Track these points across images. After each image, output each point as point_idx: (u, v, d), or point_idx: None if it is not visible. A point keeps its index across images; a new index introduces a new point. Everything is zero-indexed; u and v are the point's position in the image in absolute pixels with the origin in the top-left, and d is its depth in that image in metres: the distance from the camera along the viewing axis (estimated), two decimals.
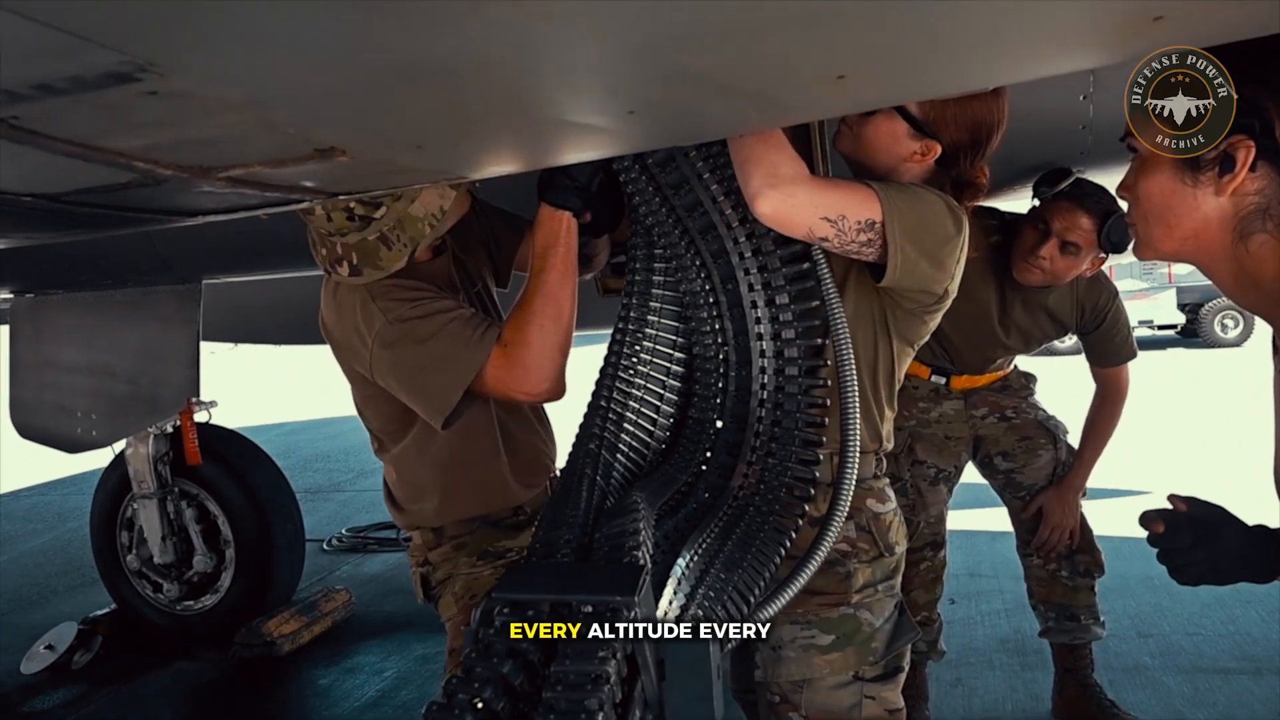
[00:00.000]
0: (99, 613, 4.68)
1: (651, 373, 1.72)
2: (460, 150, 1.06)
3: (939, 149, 1.66)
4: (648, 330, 1.72)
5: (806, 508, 1.59)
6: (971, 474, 3.50)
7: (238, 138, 0.93)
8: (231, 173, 1.06)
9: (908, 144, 1.66)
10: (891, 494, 1.85)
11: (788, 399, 1.63)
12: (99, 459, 4.63)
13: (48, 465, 7.96)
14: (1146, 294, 14.43)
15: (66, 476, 8.49)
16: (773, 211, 1.50)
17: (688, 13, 0.72)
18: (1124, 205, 2.73)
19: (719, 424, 1.68)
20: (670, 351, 1.73)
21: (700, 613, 1.37)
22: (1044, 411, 3.34)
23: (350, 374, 2.12)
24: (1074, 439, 3.29)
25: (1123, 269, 13.80)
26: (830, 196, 1.52)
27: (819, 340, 1.61)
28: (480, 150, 1.07)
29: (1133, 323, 3.34)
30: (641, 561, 1.26)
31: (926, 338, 1.82)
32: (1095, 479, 3.26)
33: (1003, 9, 0.72)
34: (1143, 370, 3.26)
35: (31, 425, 4.34)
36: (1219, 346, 13.94)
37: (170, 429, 4.34)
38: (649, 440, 1.71)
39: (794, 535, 1.56)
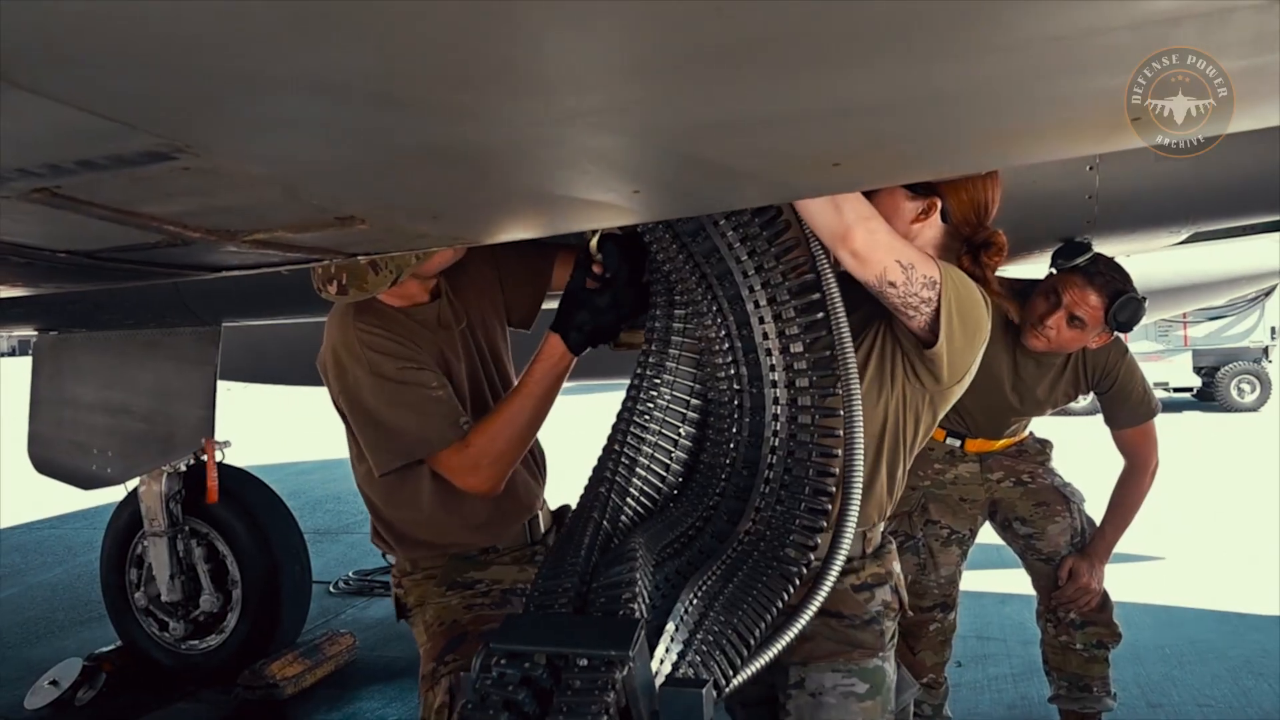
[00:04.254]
0: (104, 649, 4.69)
1: (667, 418, 1.76)
2: (474, 220, 1.11)
3: (939, 202, 1.77)
4: (665, 376, 1.77)
5: (812, 556, 1.62)
6: (984, 535, 3.50)
7: (263, 207, 0.98)
8: (256, 236, 1.11)
9: (908, 206, 1.76)
10: (896, 554, 1.98)
11: (799, 447, 1.66)
12: (112, 494, 4.67)
13: (60, 498, 8.01)
14: (1161, 356, 14.35)
15: (78, 510, 8.53)
16: (862, 245, 1.58)
17: (691, 107, 0.76)
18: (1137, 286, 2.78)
19: (730, 468, 1.72)
20: (686, 397, 1.77)
21: (698, 657, 1.38)
22: (1060, 478, 3.34)
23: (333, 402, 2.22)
24: (1094, 506, 3.29)
25: (1137, 332, 13.70)
26: (904, 245, 1.62)
27: (833, 390, 1.66)
28: (493, 220, 1.12)
29: None
30: (637, 614, 1.29)
31: (942, 416, 1.90)
32: None
33: (984, 111, 0.77)
34: (1158, 433, 3.25)
35: (48, 460, 4.40)
36: (1235, 410, 13.83)
37: (183, 467, 4.39)
38: (660, 484, 1.74)
39: (797, 582, 1.60)
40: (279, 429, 14.05)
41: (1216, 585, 5.37)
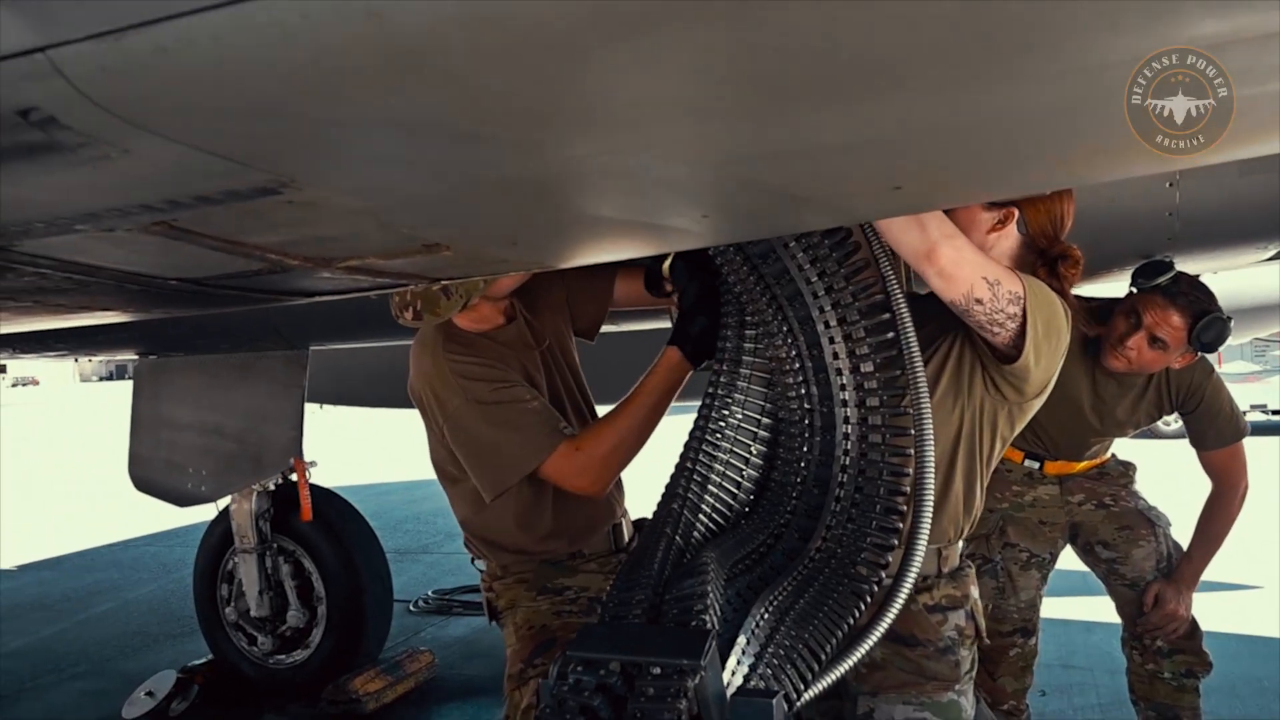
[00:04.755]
0: (197, 662, 4.87)
1: (739, 436, 1.79)
2: (551, 246, 1.17)
3: (1015, 212, 1.77)
4: (736, 395, 1.81)
5: (883, 573, 1.63)
6: (1069, 561, 3.42)
7: (356, 236, 1.05)
8: (349, 263, 1.19)
9: (984, 216, 1.76)
10: (976, 579, 1.94)
11: (870, 465, 1.68)
12: (203, 513, 4.87)
13: (154, 518, 8.34)
14: (1259, 377, 13.81)
15: (171, 529, 8.87)
16: (948, 263, 1.57)
17: (754, 138, 0.81)
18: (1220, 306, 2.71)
19: (801, 487, 1.75)
20: (758, 416, 1.80)
21: (769, 670, 1.41)
22: (1144, 501, 3.26)
23: (426, 424, 2.31)
24: (1182, 530, 3.20)
25: (1232, 351, 13.25)
26: (989, 262, 1.62)
27: (903, 408, 1.66)
28: (568, 246, 1.18)
29: (1245, 406, 3.21)
30: (709, 625, 1.32)
31: (1019, 429, 1.89)
32: (1206, 571, 3.15)
33: (1043, 133, 0.79)
34: (1255, 457, 3.15)
35: (147, 479, 4.62)
36: None
37: (272, 486, 4.55)
38: (732, 502, 1.78)
39: (869, 599, 1.60)
40: (362, 450, 14.41)
41: None
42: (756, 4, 0.56)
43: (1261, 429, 13.44)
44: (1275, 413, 13.72)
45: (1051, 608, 3.43)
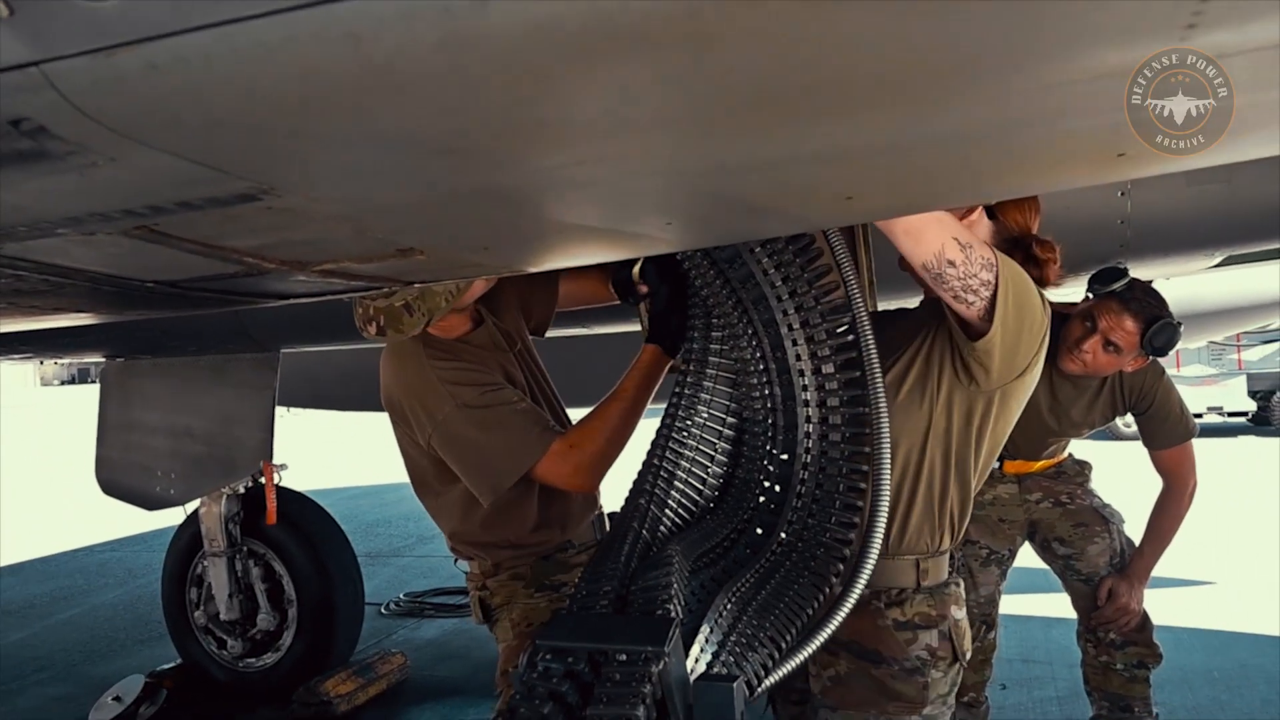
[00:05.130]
0: (165, 667, 4.85)
1: (704, 434, 1.84)
2: (521, 251, 1.21)
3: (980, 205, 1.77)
4: (702, 395, 1.86)
5: (842, 565, 1.67)
6: (1029, 558, 3.52)
7: (333, 241, 1.09)
8: (325, 266, 1.22)
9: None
10: (964, 599, 1.89)
11: (830, 463, 1.74)
12: (169, 518, 4.85)
13: (119, 522, 8.26)
14: (1216, 380, 14.08)
15: (137, 534, 8.79)
16: (914, 222, 1.53)
17: (714, 153, 0.86)
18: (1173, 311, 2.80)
19: (764, 483, 1.80)
20: (723, 415, 1.85)
21: (731, 657, 1.46)
22: (1099, 499, 3.36)
23: (404, 441, 2.31)
24: (1135, 528, 3.30)
25: (1190, 354, 13.50)
26: (960, 227, 1.59)
27: (862, 408, 1.70)
28: (538, 251, 1.22)
29: (1201, 409, 3.30)
30: (673, 614, 1.37)
31: (1005, 437, 1.87)
32: (1160, 568, 3.24)
33: (981, 151, 0.85)
34: (1212, 457, 3.26)
35: (115, 483, 4.59)
36: None
37: (242, 490, 4.54)
38: (697, 498, 1.83)
39: (828, 590, 1.64)
40: (333, 453, 14.33)
41: (1268, 610, 5.29)
42: (716, 29, 0.61)
43: (1218, 430, 13.76)
44: (1231, 415, 14.03)
45: (1013, 604, 3.51)
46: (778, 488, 1.80)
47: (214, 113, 0.70)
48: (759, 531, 1.78)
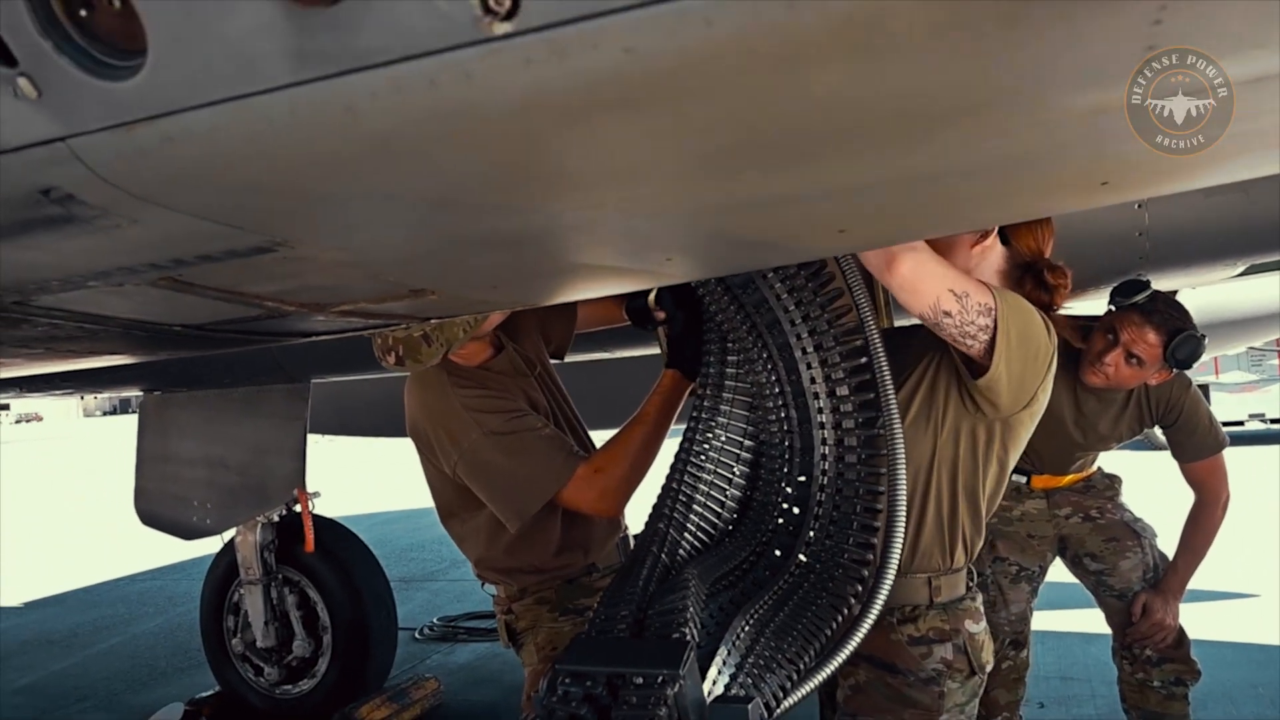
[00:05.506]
0: (204, 694, 4.92)
1: (722, 458, 1.87)
2: (529, 288, 1.25)
3: (995, 230, 1.80)
4: (719, 419, 1.89)
5: (860, 587, 1.69)
6: (1066, 574, 3.48)
7: (348, 285, 1.14)
8: (342, 308, 1.27)
9: (965, 235, 1.79)
10: (983, 613, 1.93)
11: (846, 484, 1.76)
12: (207, 546, 4.93)
13: (159, 551, 8.39)
14: (1257, 386, 13.82)
15: (177, 562, 8.92)
16: (909, 273, 1.57)
17: (710, 194, 0.89)
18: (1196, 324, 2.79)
19: (782, 505, 1.82)
20: (740, 438, 1.88)
21: (749, 679, 1.48)
22: (1130, 513, 3.33)
23: (429, 468, 2.35)
24: (1167, 542, 3.27)
25: (1229, 360, 13.27)
26: (956, 275, 1.64)
27: (877, 429, 1.73)
28: (546, 287, 1.26)
29: (1242, 416, 3.24)
30: (688, 637, 1.40)
31: (1017, 457, 1.91)
32: (1201, 581, 3.21)
33: (965, 186, 0.88)
34: (1253, 466, 3.23)
35: (153, 513, 4.69)
36: None
37: (276, 518, 4.62)
38: (716, 520, 1.86)
39: (846, 611, 1.67)
40: (365, 479, 14.46)
41: None
42: (697, 89, 0.64)
43: (1260, 438, 13.48)
44: (1274, 421, 13.74)
45: (1050, 620, 3.47)
46: (795, 510, 1.82)
47: (226, 178, 0.74)
48: (777, 553, 1.81)
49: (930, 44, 0.58)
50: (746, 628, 1.57)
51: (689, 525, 1.83)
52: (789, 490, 1.82)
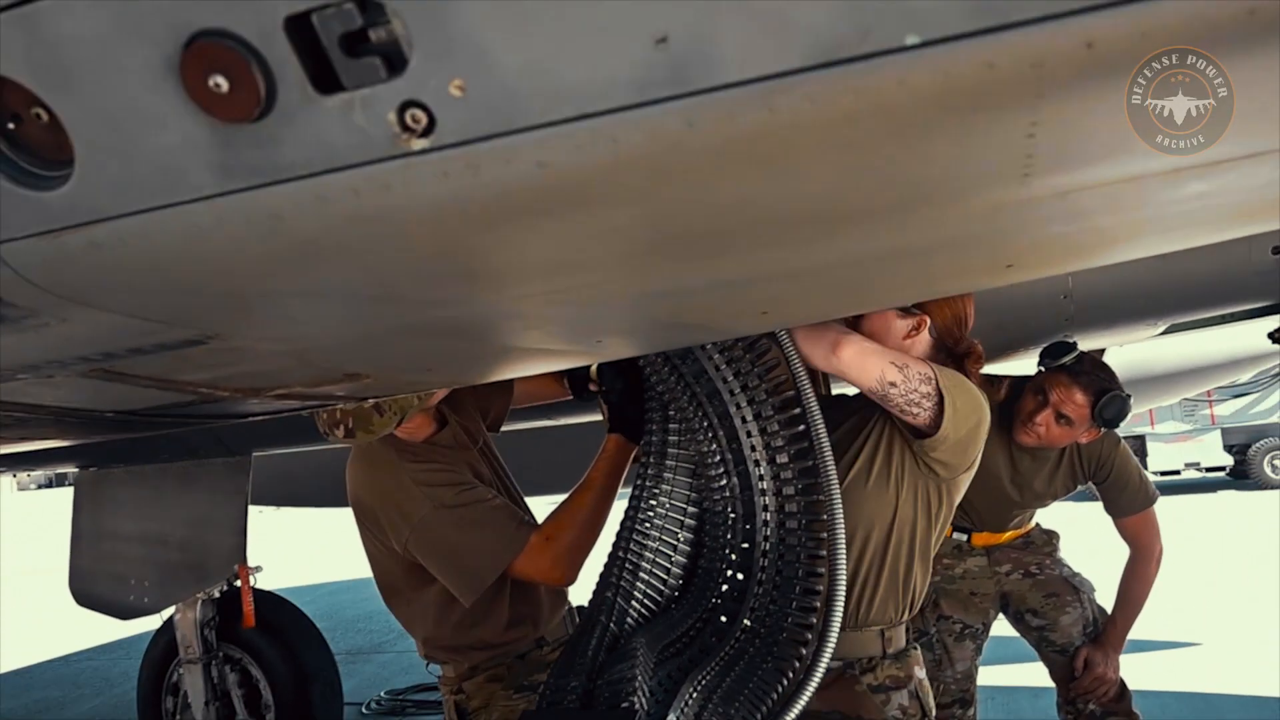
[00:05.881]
0: None
1: (666, 525, 1.89)
2: (463, 370, 1.27)
3: (927, 319, 1.93)
4: (663, 486, 1.91)
5: (804, 650, 1.73)
6: (1012, 629, 3.53)
7: (283, 370, 1.15)
8: (277, 391, 1.28)
9: (899, 325, 1.92)
10: (922, 659, 2.03)
11: (789, 550, 1.79)
12: (147, 623, 4.78)
13: (96, 629, 8.10)
14: (1190, 435, 14.20)
15: (114, 640, 8.61)
16: (853, 357, 1.75)
17: (633, 285, 0.93)
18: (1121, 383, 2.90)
19: (726, 572, 1.84)
20: (683, 505, 1.91)
21: None
22: (1069, 568, 3.39)
23: (373, 546, 2.32)
24: (1106, 595, 3.33)
25: (1164, 411, 13.62)
26: (890, 351, 1.81)
27: (817, 496, 1.78)
28: (479, 368, 1.29)
29: (1178, 465, 3.33)
30: (637, 706, 1.41)
31: (952, 513, 2.01)
32: (1143, 631, 3.26)
33: (871, 273, 0.93)
34: (1192, 514, 3.30)
35: (88, 593, 4.54)
36: (1271, 488, 13.58)
37: (217, 594, 4.50)
38: (662, 588, 1.87)
39: (791, 674, 1.70)
40: (311, 549, 14.14)
41: (1256, 670, 5.27)
42: (620, 192, 0.68)
43: (1197, 486, 13.83)
44: (1209, 470, 14.10)
45: (998, 675, 3.49)
46: (740, 576, 1.84)
47: (154, 280, 0.76)
48: (723, 619, 1.82)
49: (823, 157, 0.62)
50: (694, 694, 1.58)
51: (635, 593, 1.84)
52: (733, 557, 1.85)
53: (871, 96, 0.55)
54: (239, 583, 4.35)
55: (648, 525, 1.90)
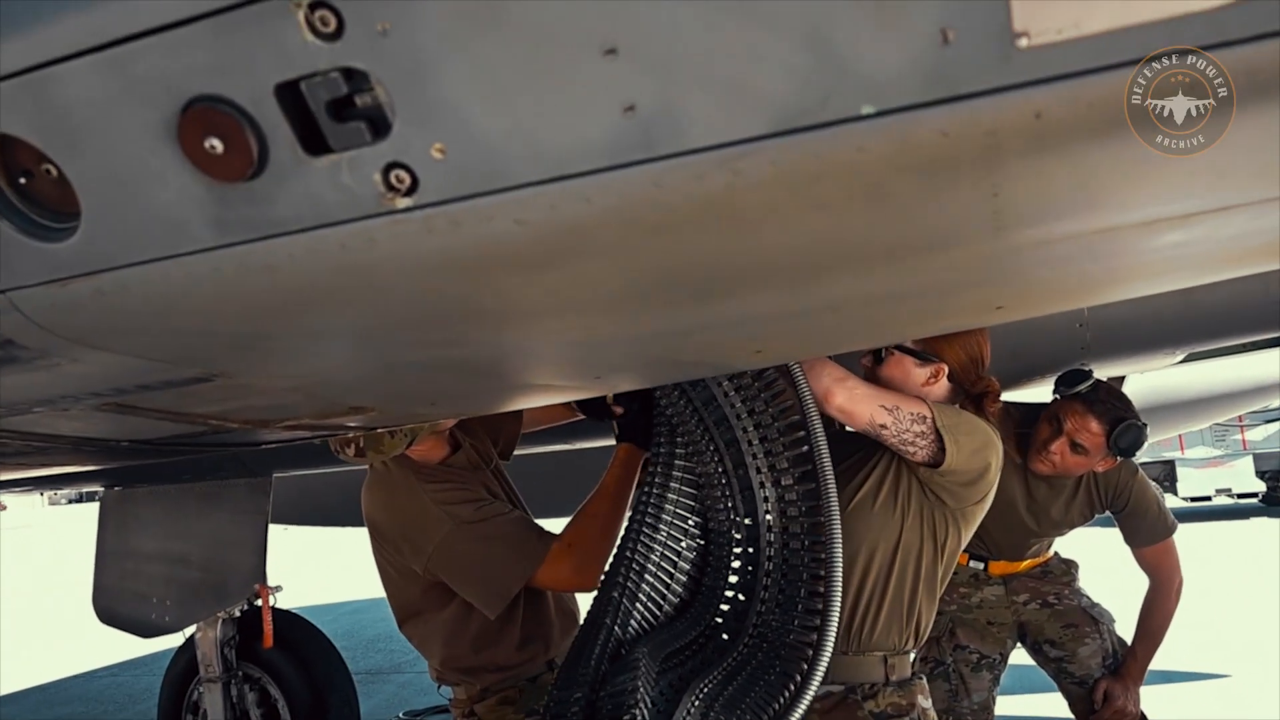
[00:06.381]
0: None
1: (672, 532, 1.92)
2: (467, 403, 1.30)
3: (945, 368, 1.96)
4: (670, 493, 1.93)
5: (805, 665, 1.74)
6: (1031, 659, 3.49)
7: (289, 405, 1.18)
8: (286, 423, 1.31)
9: (917, 373, 1.96)
10: (929, 690, 2.04)
11: (791, 570, 1.81)
12: (169, 640, 4.82)
13: (120, 645, 8.18)
14: (1222, 461, 13.96)
15: (137, 657, 8.68)
16: (844, 402, 1.80)
17: (621, 326, 0.95)
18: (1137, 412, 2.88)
19: (728, 595, 1.87)
20: (687, 515, 1.93)
21: None
22: (1088, 599, 3.35)
23: (389, 569, 2.35)
24: (1126, 626, 3.29)
25: (1194, 436, 13.40)
26: (885, 394, 1.85)
27: (820, 519, 1.80)
28: (481, 401, 1.32)
29: (1210, 491, 3.27)
30: (639, 718, 1.43)
31: (965, 544, 2.02)
32: (1170, 662, 3.21)
33: (859, 315, 0.95)
34: (1223, 541, 3.25)
35: (112, 611, 4.60)
36: None
37: (237, 613, 4.54)
38: (666, 591, 1.90)
39: (793, 687, 1.71)
40: (332, 568, 14.21)
41: None
42: (596, 247, 0.70)
43: (1228, 512, 13.59)
44: (1241, 496, 13.85)
45: (1017, 705, 3.45)
46: (741, 596, 1.87)
47: (157, 325, 0.79)
48: (725, 636, 1.85)
49: (790, 214, 0.64)
50: (696, 702, 1.61)
51: (640, 595, 1.86)
52: (734, 579, 1.87)
53: (832, 161, 0.57)
54: (259, 602, 4.39)
55: (654, 529, 1.92)
